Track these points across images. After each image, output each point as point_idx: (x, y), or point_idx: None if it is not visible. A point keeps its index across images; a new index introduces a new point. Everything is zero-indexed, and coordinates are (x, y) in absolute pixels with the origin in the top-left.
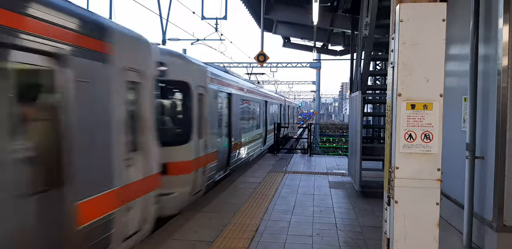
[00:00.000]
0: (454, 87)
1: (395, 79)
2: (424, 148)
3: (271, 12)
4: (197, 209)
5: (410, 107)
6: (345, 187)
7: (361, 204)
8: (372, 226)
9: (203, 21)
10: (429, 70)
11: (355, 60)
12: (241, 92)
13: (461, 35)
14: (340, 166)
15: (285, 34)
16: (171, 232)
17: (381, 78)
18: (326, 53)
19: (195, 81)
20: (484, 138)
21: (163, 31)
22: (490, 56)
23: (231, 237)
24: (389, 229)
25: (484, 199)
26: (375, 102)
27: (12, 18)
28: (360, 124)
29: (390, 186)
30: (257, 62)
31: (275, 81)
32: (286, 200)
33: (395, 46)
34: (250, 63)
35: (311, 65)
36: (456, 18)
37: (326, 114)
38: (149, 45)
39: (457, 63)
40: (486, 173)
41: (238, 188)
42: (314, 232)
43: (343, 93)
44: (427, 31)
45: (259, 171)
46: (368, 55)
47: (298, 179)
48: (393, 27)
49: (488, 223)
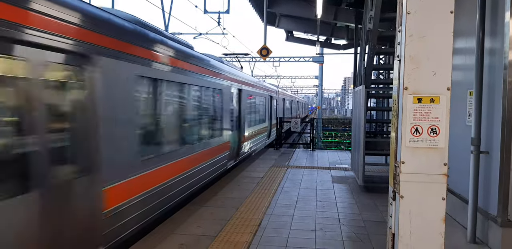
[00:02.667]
0: (459, 81)
1: (401, 73)
2: (431, 143)
3: (274, 6)
4: (200, 203)
5: (417, 101)
6: (348, 181)
7: (364, 199)
8: (376, 221)
9: (205, 15)
10: (436, 63)
11: (358, 54)
12: (254, 89)
13: (467, 28)
14: (343, 161)
15: (288, 28)
16: (175, 227)
17: (384, 72)
18: (329, 47)
19: None
20: (490, 133)
21: (166, 25)
22: (496, 50)
23: (234, 232)
24: (394, 224)
25: (489, 194)
26: (379, 96)
27: None
28: (363, 118)
29: (396, 181)
30: (260, 56)
31: (277, 75)
32: (288, 194)
33: (402, 38)
34: (252, 57)
35: (313, 59)
36: (461, 11)
37: (328, 109)
38: None
39: (462, 56)
40: (491, 168)
41: (241, 183)
42: (317, 226)
43: (345, 87)
44: (434, 23)
45: (262, 166)
46: (372, 49)
47: (300, 174)
48: (400, 20)
49: (493, 218)
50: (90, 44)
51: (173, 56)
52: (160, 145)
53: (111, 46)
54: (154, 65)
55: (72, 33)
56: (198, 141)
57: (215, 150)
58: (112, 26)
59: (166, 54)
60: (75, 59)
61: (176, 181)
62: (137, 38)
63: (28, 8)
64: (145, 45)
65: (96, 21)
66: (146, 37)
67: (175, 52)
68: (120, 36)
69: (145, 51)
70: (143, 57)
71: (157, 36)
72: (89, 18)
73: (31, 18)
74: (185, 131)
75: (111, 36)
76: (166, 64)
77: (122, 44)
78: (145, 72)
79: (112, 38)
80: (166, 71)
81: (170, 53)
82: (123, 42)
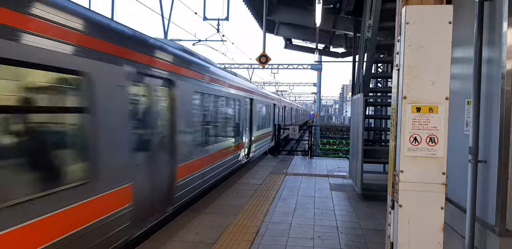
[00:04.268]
0: (457, 90)
1: (400, 82)
2: (429, 152)
3: (274, 14)
4: (198, 210)
5: (416, 110)
6: (346, 189)
7: (362, 207)
8: (374, 229)
9: (205, 21)
10: (434, 73)
11: (357, 62)
12: (262, 98)
13: (464, 37)
14: (341, 169)
15: (287, 35)
16: (172, 233)
17: (382, 81)
18: (327, 55)
19: None
20: (488, 142)
21: (165, 31)
22: (494, 59)
23: (232, 239)
24: (392, 233)
25: (487, 203)
26: (377, 104)
27: None
28: (362, 126)
29: (394, 189)
30: (259, 63)
31: (276, 82)
32: (287, 202)
33: (401, 48)
34: (251, 64)
35: (312, 67)
36: (459, 20)
37: (326, 116)
38: None
39: (460, 66)
40: (489, 177)
41: (239, 190)
42: (315, 234)
43: (343, 95)
44: (433, 34)
45: (260, 173)
46: (371, 57)
47: (299, 181)
48: (399, 29)
49: (491, 227)
50: (174, 73)
51: (213, 77)
52: (207, 139)
53: (183, 73)
54: (202, 83)
55: (170, 68)
56: (228, 137)
57: (238, 146)
58: (184, 60)
59: (208, 75)
60: (168, 83)
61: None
62: (194, 66)
63: (159, 58)
64: (197, 70)
65: (178, 58)
66: (198, 64)
67: (213, 73)
68: (187, 65)
69: (197, 74)
70: (196, 79)
71: (202, 62)
72: (177, 58)
73: (159, 63)
74: (222, 130)
75: (183, 66)
76: (209, 82)
77: (188, 71)
78: (198, 88)
79: (184, 68)
80: (210, 88)
81: (210, 74)
82: (189, 69)
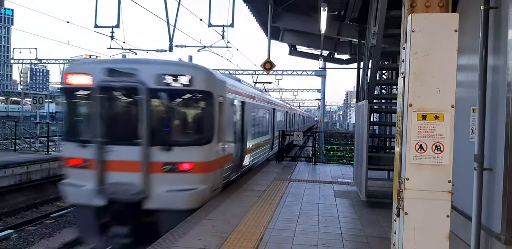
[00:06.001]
0: (462, 97)
1: (406, 89)
2: (435, 159)
3: (278, 20)
4: (202, 216)
5: (421, 118)
6: (351, 196)
7: (367, 214)
8: (379, 237)
9: (210, 28)
10: (440, 81)
11: (361, 69)
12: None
13: (469, 45)
14: (345, 175)
15: (291, 42)
16: (175, 239)
17: (387, 87)
18: (332, 62)
19: None
20: (493, 150)
21: (170, 38)
22: (499, 67)
23: (236, 246)
24: (398, 241)
25: (493, 211)
26: (382, 111)
27: None
28: (366, 133)
29: (400, 197)
30: (264, 69)
31: (280, 88)
32: (291, 208)
33: (406, 56)
34: (255, 70)
35: (316, 73)
36: (464, 28)
37: (330, 122)
38: None
39: (465, 73)
40: (494, 185)
41: (243, 196)
42: (320, 242)
43: (347, 101)
44: (439, 42)
45: (264, 179)
46: (376, 64)
47: (303, 188)
48: (404, 37)
49: (496, 235)
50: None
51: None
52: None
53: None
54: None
55: (243, 95)
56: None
57: (265, 143)
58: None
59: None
60: (243, 105)
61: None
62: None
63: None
64: (247, 93)
65: (248, 91)
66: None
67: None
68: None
69: (249, 95)
70: (248, 97)
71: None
72: (248, 92)
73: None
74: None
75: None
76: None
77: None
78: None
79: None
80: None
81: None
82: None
